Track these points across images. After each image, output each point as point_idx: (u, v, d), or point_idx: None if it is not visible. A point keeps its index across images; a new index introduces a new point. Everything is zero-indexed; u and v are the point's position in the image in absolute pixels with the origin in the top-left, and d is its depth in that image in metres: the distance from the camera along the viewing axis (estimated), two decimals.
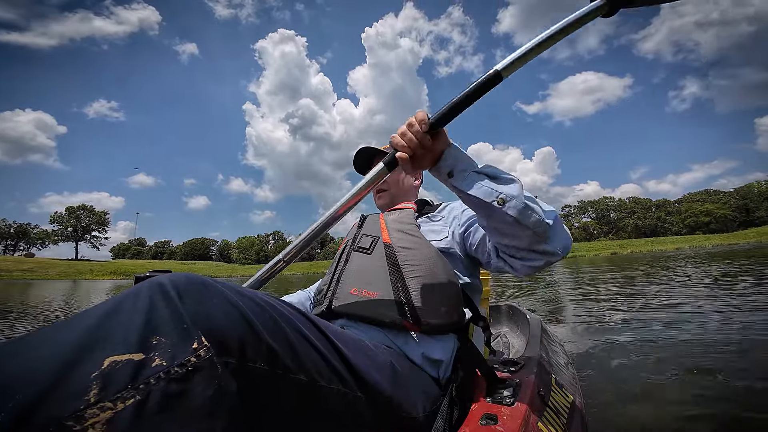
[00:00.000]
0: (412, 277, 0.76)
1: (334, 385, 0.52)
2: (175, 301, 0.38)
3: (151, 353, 0.33)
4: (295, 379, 0.46)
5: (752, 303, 3.10)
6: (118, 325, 0.35)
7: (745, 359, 1.74)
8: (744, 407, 1.27)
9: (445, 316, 0.74)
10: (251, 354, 0.41)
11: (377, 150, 1.07)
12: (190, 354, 0.35)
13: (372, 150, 1.07)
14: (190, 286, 0.40)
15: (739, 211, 69.35)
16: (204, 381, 0.35)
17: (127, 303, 0.37)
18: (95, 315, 0.36)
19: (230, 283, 0.47)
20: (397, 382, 0.62)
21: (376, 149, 1.07)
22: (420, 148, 0.66)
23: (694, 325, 2.50)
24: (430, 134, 0.66)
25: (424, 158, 0.68)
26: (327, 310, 0.82)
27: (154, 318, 0.36)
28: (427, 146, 0.66)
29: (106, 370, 0.31)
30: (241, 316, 0.42)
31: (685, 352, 1.93)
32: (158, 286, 0.39)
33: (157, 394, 0.32)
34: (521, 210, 0.61)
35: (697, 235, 59.46)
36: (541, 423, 0.65)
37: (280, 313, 0.48)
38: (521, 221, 0.62)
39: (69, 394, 0.29)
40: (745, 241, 37.45)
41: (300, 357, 0.48)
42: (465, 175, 0.66)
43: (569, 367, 1.21)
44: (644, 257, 19.95)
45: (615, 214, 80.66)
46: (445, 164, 0.68)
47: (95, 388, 0.30)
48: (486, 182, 0.64)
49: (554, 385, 0.85)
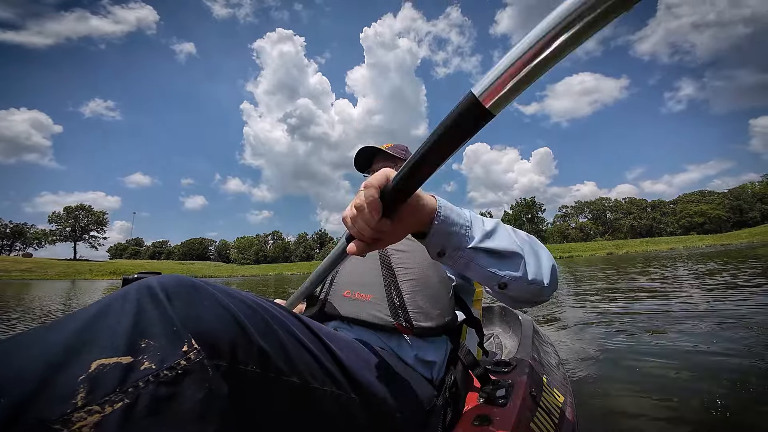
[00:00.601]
0: (405, 279, 0.76)
1: (327, 386, 0.51)
2: (164, 303, 0.38)
3: (139, 356, 0.33)
4: (288, 382, 0.46)
5: (742, 300, 3.14)
6: (105, 327, 0.34)
7: (735, 357, 1.76)
8: (735, 406, 1.29)
9: (438, 319, 0.74)
10: (242, 356, 0.41)
11: (378, 149, 1.07)
12: (180, 357, 0.35)
13: (372, 149, 1.07)
14: (180, 288, 0.40)
15: (732, 211, 70.13)
16: (194, 384, 0.34)
17: (114, 305, 0.37)
18: (83, 317, 0.35)
19: (220, 285, 0.46)
20: (391, 383, 0.62)
21: (376, 148, 1.07)
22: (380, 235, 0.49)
23: (684, 324, 2.52)
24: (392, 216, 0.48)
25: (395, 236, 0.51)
26: (320, 311, 0.82)
27: (143, 320, 0.35)
28: (388, 231, 0.49)
29: (93, 374, 0.31)
30: (232, 319, 0.41)
31: (675, 351, 1.95)
32: (146, 288, 0.39)
33: (146, 397, 0.31)
34: (523, 288, 0.58)
35: (691, 236, 60.08)
36: (533, 423, 0.66)
37: (271, 315, 0.48)
38: (520, 298, 0.60)
39: (56, 397, 0.29)
40: (738, 241, 37.85)
41: (292, 359, 0.47)
42: (459, 255, 0.55)
43: (560, 367, 1.23)
44: (639, 257, 20.13)
45: (611, 214, 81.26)
46: (431, 243, 0.54)
47: (83, 391, 0.29)
48: (485, 263, 0.55)
49: (546, 386, 0.86)
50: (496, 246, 0.56)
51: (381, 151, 1.06)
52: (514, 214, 76.62)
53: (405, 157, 1.06)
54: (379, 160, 1.06)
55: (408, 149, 1.11)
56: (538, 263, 0.60)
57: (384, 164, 1.05)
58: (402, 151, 1.08)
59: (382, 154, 1.05)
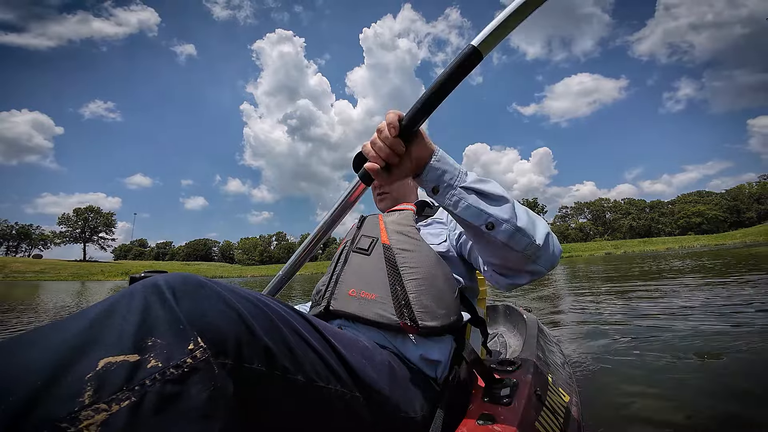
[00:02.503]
0: (410, 279, 0.76)
1: (332, 385, 0.51)
2: (171, 301, 0.37)
3: (146, 354, 0.33)
4: (293, 380, 0.46)
5: (739, 298, 3.15)
6: (112, 325, 0.34)
7: (739, 355, 1.76)
8: (743, 405, 1.29)
9: (444, 318, 0.74)
10: (248, 355, 0.41)
11: None
12: (186, 355, 0.34)
13: None
14: (186, 287, 0.40)
15: (729, 212, 70.42)
16: (200, 382, 0.34)
17: (121, 303, 0.36)
18: (90, 316, 0.35)
19: (226, 283, 0.46)
20: (395, 382, 0.62)
21: None
22: (393, 156, 0.59)
23: (688, 322, 2.53)
24: (405, 138, 0.58)
25: (402, 167, 0.61)
26: (325, 310, 0.81)
27: (149, 318, 0.35)
28: (400, 153, 0.59)
29: (100, 372, 0.30)
30: (237, 317, 0.41)
31: (680, 349, 1.95)
32: (153, 286, 0.38)
33: (153, 395, 0.31)
34: (511, 234, 0.59)
35: (687, 236, 60.46)
36: (538, 423, 0.65)
37: (277, 314, 0.48)
38: (511, 246, 0.60)
39: (63, 395, 0.29)
40: (732, 241, 38.10)
41: (297, 357, 0.47)
42: (451, 193, 0.60)
43: (566, 366, 1.22)
44: (636, 256, 20.21)
45: (610, 215, 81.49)
46: (428, 179, 0.61)
47: (90, 389, 0.29)
48: (474, 201, 0.59)
49: (551, 385, 0.85)
50: (486, 189, 0.60)
51: None
52: None
53: None
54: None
55: None
56: (530, 220, 0.62)
57: None
58: None
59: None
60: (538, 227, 0.62)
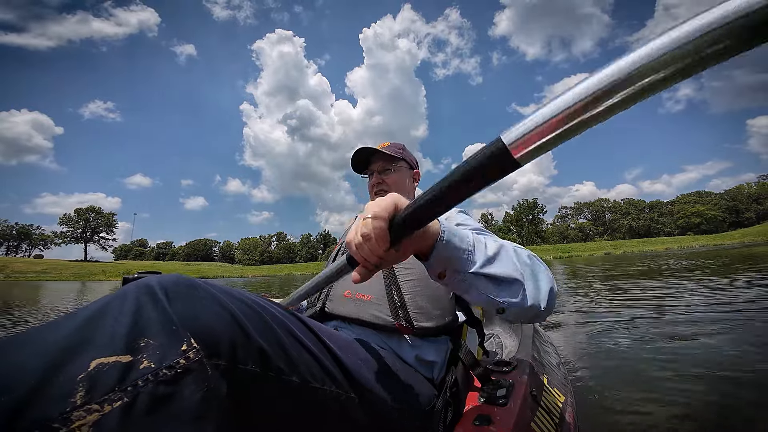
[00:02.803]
0: (406, 280, 0.76)
1: (327, 386, 0.51)
2: (163, 302, 0.37)
3: (138, 355, 0.33)
4: (287, 381, 0.46)
5: (738, 298, 3.15)
6: (104, 326, 0.34)
7: (736, 356, 1.76)
8: (736, 405, 1.29)
9: (439, 319, 0.74)
10: (242, 356, 0.41)
11: (374, 150, 1.07)
12: (179, 356, 0.34)
13: (369, 150, 1.07)
14: (179, 287, 0.40)
15: (728, 212, 70.55)
16: (193, 383, 0.34)
17: (114, 304, 0.36)
18: (82, 316, 0.35)
19: (220, 284, 0.46)
20: (391, 383, 0.62)
21: (373, 149, 1.07)
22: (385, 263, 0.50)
23: (685, 323, 2.53)
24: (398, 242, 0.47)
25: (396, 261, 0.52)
26: (320, 311, 0.81)
27: (142, 320, 0.35)
28: (392, 259, 0.50)
29: (92, 372, 0.31)
30: (231, 318, 0.41)
31: (675, 350, 1.95)
32: (146, 287, 0.38)
33: (145, 396, 0.31)
34: (520, 313, 0.58)
35: (687, 236, 60.52)
36: (534, 423, 0.65)
37: (271, 315, 0.48)
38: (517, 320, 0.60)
39: (55, 396, 0.29)
40: (730, 241, 38.16)
41: (292, 358, 0.47)
42: (458, 279, 0.55)
43: (561, 367, 1.22)
44: (635, 257, 20.24)
45: (610, 215, 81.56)
46: (431, 265, 0.54)
47: (81, 390, 0.29)
48: (485, 289, 0.56)
49: (546, 386, 0.86)
50: (496, 272, 0.56)
51: (378, 151, 1.06)
52: (516, 215, 76.84)
53: (402, 155, 1.06)
54: (376, 160, 1.06)
55: (405, 147, 1.11)
56: (536, 288, 0.59)
57: (381, 164, 1.05)
58: (399, 149, 1.08)
59: (379, 155, 1.05)
60: (543, 291, 0.59)
